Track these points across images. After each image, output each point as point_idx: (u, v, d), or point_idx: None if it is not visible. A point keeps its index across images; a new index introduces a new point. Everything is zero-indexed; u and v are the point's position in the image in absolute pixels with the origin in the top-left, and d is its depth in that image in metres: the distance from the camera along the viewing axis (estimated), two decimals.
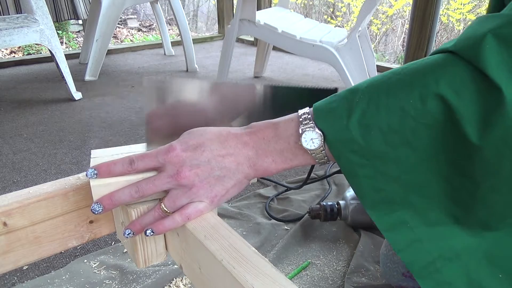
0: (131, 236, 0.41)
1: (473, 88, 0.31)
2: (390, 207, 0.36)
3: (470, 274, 0.35)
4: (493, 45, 0.30)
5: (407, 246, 0.36)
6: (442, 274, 0.35)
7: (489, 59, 0.30)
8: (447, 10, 3.21)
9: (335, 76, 2.34)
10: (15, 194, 0.41)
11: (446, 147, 0.33)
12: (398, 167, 0.35)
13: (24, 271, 0.88)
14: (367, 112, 0.35)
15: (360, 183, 0.36)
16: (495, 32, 0.30)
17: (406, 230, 0.36)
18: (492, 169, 0.32)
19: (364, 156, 0.35)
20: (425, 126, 0.33)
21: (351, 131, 0.35)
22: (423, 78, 0.33)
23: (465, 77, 0.31)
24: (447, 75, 0.32)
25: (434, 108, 0.32)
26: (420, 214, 0.36)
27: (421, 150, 0.34)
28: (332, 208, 0.99)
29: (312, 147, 0.37)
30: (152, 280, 0.84)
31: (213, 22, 4.75)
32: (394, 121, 0.34)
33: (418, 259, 0.36)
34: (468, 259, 0.36)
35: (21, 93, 2.05)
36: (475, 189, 0.34)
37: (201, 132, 0.41)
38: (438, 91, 0.32)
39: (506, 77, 0.29)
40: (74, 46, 3.52)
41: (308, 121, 0.38)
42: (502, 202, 0.33)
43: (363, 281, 0.84)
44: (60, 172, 1.31)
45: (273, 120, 0.41)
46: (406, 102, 0.33)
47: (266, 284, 0.31)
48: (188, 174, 0.39)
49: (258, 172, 0.41)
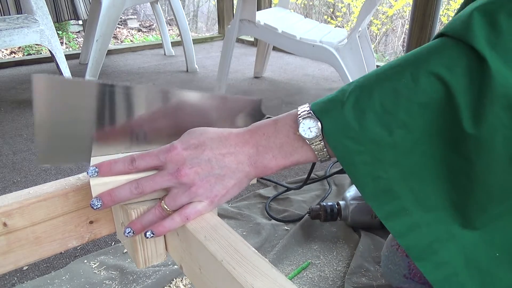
0: (131, 235, 0.41)
1: (464, 63, 0.31)
2: (389, 196, 0.36)
3: (466, 253, 0.36)
4: (478, 20, 0.31)
5: (406, 232, 0.36)
6: (439, 254, 0.36)
7: (476, 33, 0.31)
8: (447, 11, 3.22)
9: (335, 76, 2.34)
10: (15, 194, 0.41)
11: (441, 127, 0.34)
12: (395, 152, 0.35)
13: (24, 271, 0.88)
14: (360, 97, 0.35)
15: (357, 172, 0.36)
16: (480, 9, 0.31)
17: (405, 217, 0.36)
18: (486, 146, 0.32)
19: (360, 142, 0.35)
20: (419, 105, 0.33)
21: (346, 117, 0.36)
22: (414, 60, 0.34)
23: (456, 53, 0.32)
24: (438, 53, 0.33)
25: (426, 85, 0.33)
26: (418, 200, 0.36)
27: (416, 132, 0.34)
28: (332, 208, 0.99)
29: (310, 136, 0.38)
30: (152, 281, 0.84)
31: (213, 23, 4.75)
32: (388, 102, 0.34)
33: (417, 244, 0.36)
34: (464, 239, 0.36)
35: (21, 94, 2.05)
36: (471, 170, 0.34)
37: (202, 131, 0.42)
38: (430, 69, 0.32)
39: (490, 49, 0.30)
40: (74, 46, 3.52)
41: (306, 112, 0.38)
42: (498, 183, 0.33)
43: (363, 281, 0.84)
44: (60, 172, 1.31)
45: (274, 117, 0.42)
46: (398, 82, 0.34)
47: (266, 284, 0.31)
48: (188, 172, 0.39)
49: (258, 170, 0.41)
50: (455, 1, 3.16)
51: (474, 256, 0.36)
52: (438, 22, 2.00)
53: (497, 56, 0.30)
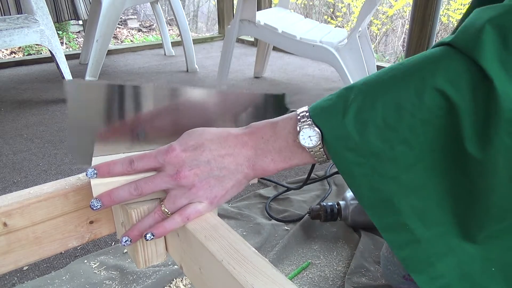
0: (128, 243, 0.40)
1: (470, 80, 0.30)
2: (388, 208, 0.36)
3: (462, 267, 0.35)
4: (490, 35, 0.29)
5: (404, 246, 0.36)
6: (436, 267, 0.35)
7: (485, 50, 0.29)
8: (447, 11, 3.21)
9: (335, 76, 2.34)
10: (15, 194, 0.41)
11: (443, 144, 0.33)
12: (395, 167, 0.34)
13: (24, 271, 0.88)
14: (362, 108, 0.34)
15: (357, 183, 0.36)
16: (493, 22, 0.30)
17: (404, 232, 0.36)
18: (487, 169, 0.31)
19: (360, 154, 0.35)
20: (421, 122, 0.32)
21: (347, 128, 0.35)
22: (419, 72, 0.33)
23: (462, 69, 0.30)
24: (443, 68, 0.31)
25: (430, 101, 0.32)
26: (419, 216, 0.35)
27: (418, 148, 0.33)
28: (332, 208, 0.99)
29: (310, 145, 0.37)
30: (152, 281, 0.84)
31: (213, 23, 4.75)
32: (390, 117, 0.33)
33: (414, 257, 0.36)
34: (462, 252, 0.36)
35: (21, 94, 2.05)
36: (471, 188, 0.33)
37: (201, 132, 0.41)
38: (435, 84, 0.31)
39: (498, 68, 0.29)
40: (74, 46, 3.52)
41: (306, 118, 0.37)
42: (498, 203, 0.33)
43: (363, 281, 0.84)
44: (60, 172, 1.31)
45: (272, 119, 0.41)
46: (402, 96, 0.33)
47: (266, 284, 0.31)
48: (187, 174, 0.39)
49: (257, 172, 0.41)
50: (455, 1, 3.16)
51: (469, 269, 0.35)
52: (438, 22, 2.00)
53: (506, 76, 0.29)
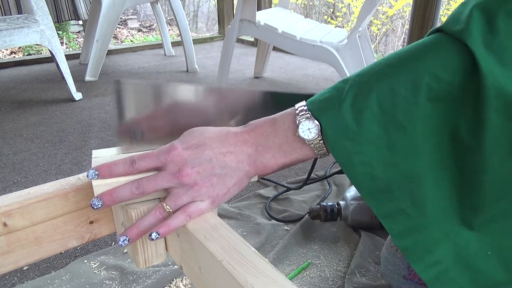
0: (126, 243, 0.40)
1: (460, 63, 0.31)
2: (387, 195, 0.36)
3: (459, 252, 0.36)
4: (477, 18, 0.31)
5: (404, 233, 0.36)
6: (434, 254, 0.36)
7: (472, 33, 0.31)
8: (447, 11, 3.21)
9: (335, 76, 2.34)
10: (15, 194, 0.41)
11: (438, 129, 0.33)
12: (393, 154, 0.35)
13: (24, 271, 0.88)
14: (358, 96, 0.35)
15: (355, 171, 0.36)
16: (479, 6, 0.31)
17: (403, 219, 0.36)
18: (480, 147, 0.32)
19: (358, 143, 0.35)
20: (416, 106, 0.33)
21: (344, 116, 0.35)
22: (412, 58, 0.34)
23: (452, 52, 0.32)
24: (435, 52, 0.33)
25: (423, 85, 0.32)
26: (417, 203, 0.36)
27: (414, 134, 0.34)
28: (332, 208, 0.99)
29: (309, 137, 0.38)
30: (152, 281, 0.84)
31: (213, 23, 4.75)
32: (386, 102, 0.34)
33: (414, 245, 0.36)
34: (458, 237, 0.36)
35: (21, 94, 2.05)
36: (466, 170, 0.34)
37: (201, 131, 0.41)
38: (427, 68, 0.32)
39: (484, 49, 0.30)
40: (74, 46, 3.52)
41: (304, 112, 0.38)
42: (490, 182, 0.33)
43: (363, 282, 0.84)
44: (60, 172, 1.31)
45: (271, 116, 0.41)
46: (396, 83, 0.34)
47: (266, 284, 0.31)
48: (189, 172, 0.39)
49: (258, 169, 0.41)
50: (455, 1, 3.16)
51: (465, 254, 0.36)
52: (438, 22, 2.00)
53: (491, 55, 0.30)
